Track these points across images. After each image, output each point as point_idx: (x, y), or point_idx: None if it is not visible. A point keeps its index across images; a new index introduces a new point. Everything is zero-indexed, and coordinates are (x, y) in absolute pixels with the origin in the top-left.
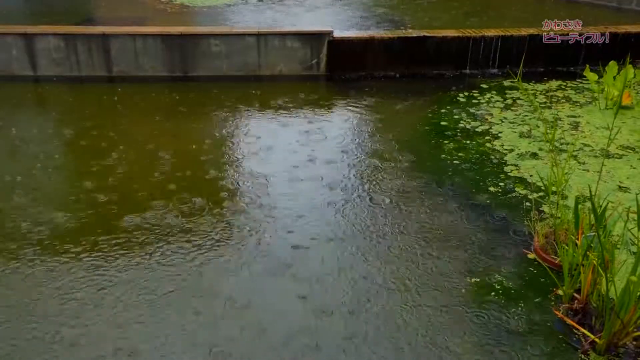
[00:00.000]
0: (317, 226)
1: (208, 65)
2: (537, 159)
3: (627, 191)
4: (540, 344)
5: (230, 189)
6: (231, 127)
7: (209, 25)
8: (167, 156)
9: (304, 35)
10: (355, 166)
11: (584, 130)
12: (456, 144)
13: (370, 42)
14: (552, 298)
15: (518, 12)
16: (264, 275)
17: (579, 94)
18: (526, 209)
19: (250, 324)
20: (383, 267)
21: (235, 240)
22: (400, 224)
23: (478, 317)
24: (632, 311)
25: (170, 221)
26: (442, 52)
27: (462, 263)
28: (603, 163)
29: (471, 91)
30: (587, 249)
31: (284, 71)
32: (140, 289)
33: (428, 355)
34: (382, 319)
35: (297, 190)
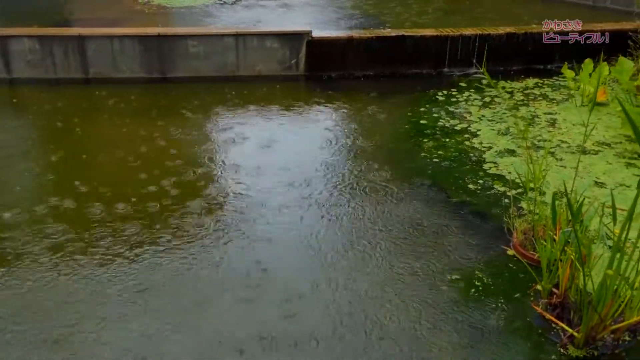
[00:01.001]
0: (299, 220)
1: (186, 66)
2: (515, 156)
3: (603, 186)
4: (520, 339)
5: (203, 190)
6: (208, 128)
7: (187, 26)
8: (139, 158)
9: (283, 36)
10: (334, 166)
11: (560, 127)
12: (435, 142)
13: (349, 42)
14: (531, 293)
15: (491, 12)
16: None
17: (555, 92)
18: (505, 206)
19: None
20: (360, 266)
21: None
22: (379, 222)
23: (458, 314)
24: (609, 305)
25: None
26: (421, 52)
27: (442, 260)
28: (579, 159)
29: (450, 90)
30: (565, 244)
31: (263, 71)
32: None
33: (409, 352)
34: (363, 316)
35: (275, 186)
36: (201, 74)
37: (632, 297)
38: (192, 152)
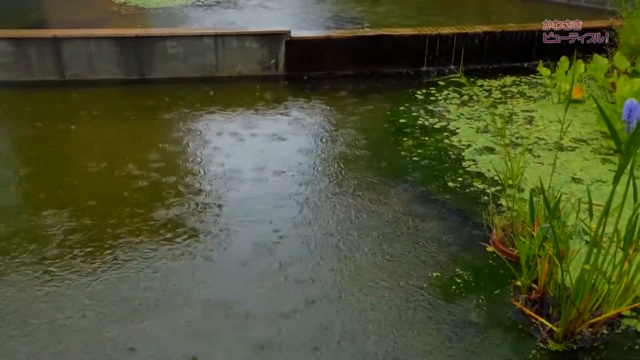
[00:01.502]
0: (281, 217)
1: (165, 67)
2: (494, 154)
3: (580, 182)
4: (500, 335)
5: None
6: (187, 130)
7: (165, 26)
8: (115, 162)
9: (262, 36)
10: (313, 165)
11: (538, 125)
12: (415, 141)
13: (328, 42)
14: (511, 289)
15: (469, 10)
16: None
17: (532, 89)
18: (484, 203)
19: None
20: (341, 265)
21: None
22: (357, 221)
23: (439, 311)
24: (587, 299)
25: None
26: (400, 51)
27: (422, 258)
28: (557, 156)
29: (429, 88)
30: (543, 240)
31: (243, 72)
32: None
33: (390, 349)
34: (343, 314)
35: (258, 186)
36: (180, 75)
37: (609, 291)
38: (171, 154)
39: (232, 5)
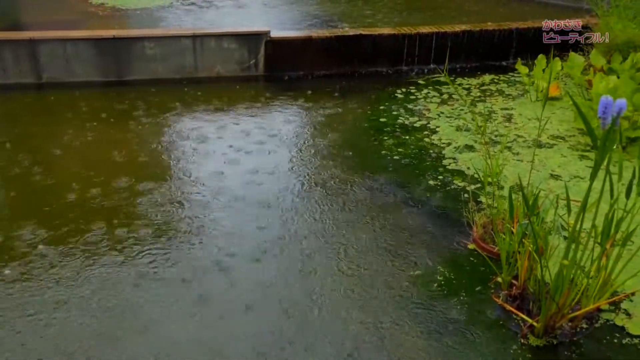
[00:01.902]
0: (264, 216)
1: (143, 69)
2: (473, 152)
3: (558, 179)
4: (482, 331)
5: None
6: (165, 132)
7: (143, 27)
8: (92, 165)
9: (241, 36)
10: (293, 166)
11: (516, 122)
12: (395, 140)
13: (308, 42)
14: (491, 286)
15: (447, 9)
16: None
17: (511, 87)
18: (464, 201)
19: None
20: (322, 265)
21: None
22: (340, 219)
23: (421, 309)
24: (566, 294)
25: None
26: (379, 50)
27: (404, 257)
28: (535, 153)
29: (408, 87)
30: (523, 237)
31: (222, 73)
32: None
33: (372, 347)
34: (325, 314)
35: (233, 185)
36: (159, 76)
37: (588, 286)
38: (148, 158)
39: (211, 5)
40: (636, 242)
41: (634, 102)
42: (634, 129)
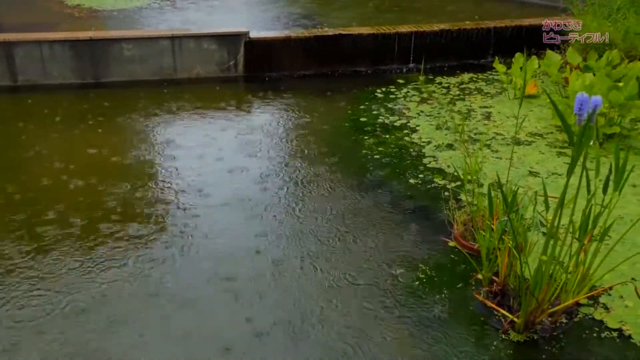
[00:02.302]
0: (241, 219)
1: (121, 71)
2: (453, 150)
3: (537, 175)
4: (464, 328)
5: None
6: (143, 135)
7: (120, 28)
8: (68, 170)
9: (220, 37)
10: (275, 166)
11: (495, 120)
12: (376, 139)
13: (287, 42)
14: (472, 283)
15: (424, 9)
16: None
17: (489, 85)
18: (445, 199)
19: None
20: (303, 265)
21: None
22: (322, 219)
23: (403, 307)
24: (546, 289)
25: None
26: (359, 50)
27: (385, 255)
28: (513, 150)
29: (388, 87)
30: (502, 233)
31: (202, 74)
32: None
33: (355, 346)
34: (306, 314)
35: (214, 187)
36: (137, 78)
37: (566, 281)
38: (126, 162)
39: (190, 6)
40: (613, 237)
41: (609, 99)
42: (610, 126)
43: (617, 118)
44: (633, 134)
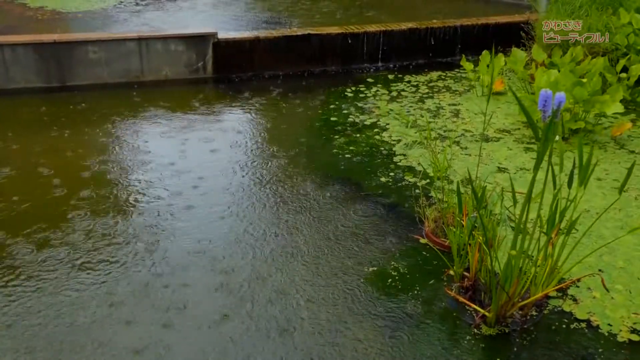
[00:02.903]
0: (210, 223)
1: (87, 74)
2: (423, 147)
3: (505, 171)
4: (437, 324)
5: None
6: (110, 139)
7: (86, 31)
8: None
9: (188, 38)
10: (246, 167)
11: (464, 117)
12: (347, 138)
13: (256, 42)
14: (444, 279)
15: (388, 8)
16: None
17: (457, 83)
18: (416, 196)
19: None
20: (275, 266)
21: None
22: (293, 220)
23: (376, 305)
24: (516, 283)
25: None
26: (328, 49)
27: (357, 253)
28: (482, 147)
29: (358, 86)
30: (472, 229)
31: (170, 75)
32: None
33: (329, 345)
34: (280, 313)
35: (184, 188)
36: (104, 81)
37: (536, 274)
38: (92, 167)
39: (156, 7)
40: (580, 230)
41: (574, 95)
42: (575, 121)
43: (582, 113)
44: (597, 128)
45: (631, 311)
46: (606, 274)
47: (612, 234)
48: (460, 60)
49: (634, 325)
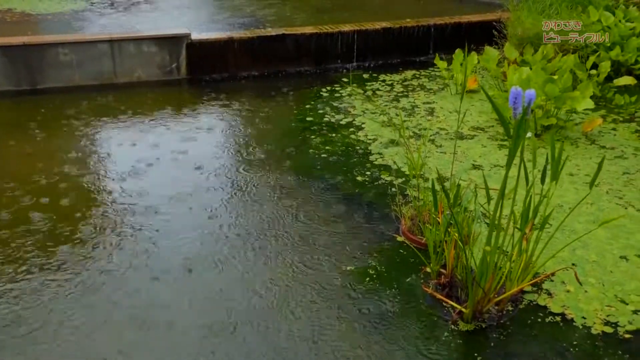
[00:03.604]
0: (185, 226)
1: (58, 76)
2: (398, 146)
3: (480, 168)
4: (414, 321)
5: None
6: (80, 141)
7: (56, 33)
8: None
9: (161, 39)
10: (221, 168)
11: (438, 115)
12: (323, 138)
13: (230, 43)
14: (421, 276)
15: (362, 8)
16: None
17: (432, 82)
18: (392, 195)
19: None
20: (251, 266)
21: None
22: (270, 220)
23: (354, 303)
24: (491, 279)
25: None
26: (302, 49)
27: (335, 253)
28: (457, 145)
29: (333, 85)
30: (448, 226)
31: (143, 77)
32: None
33: (306, 346)
34: (259, 316)
35: (157, 190)
36: (76, 84)
37: (511, 269)
38: (62, 172)
39: (130, 8)
40: (554, 225)
41: (546, 92)
42: (547, 117)
43: (554, 110)
44: (569, 125)
45: (604, 304)
46: (579, 267)
47: (584, 228)
48: (434, 59)
49: (607, 317)
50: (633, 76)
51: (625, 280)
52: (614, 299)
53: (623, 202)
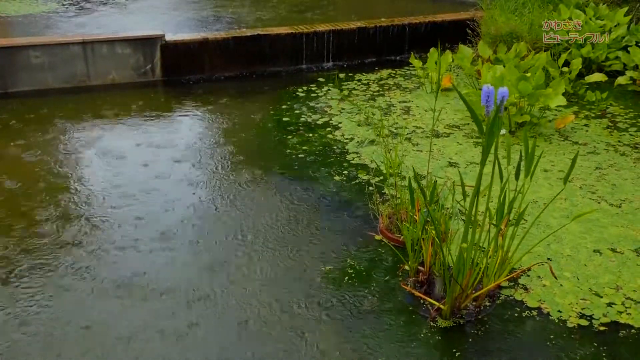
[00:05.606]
0: (165, 231)
1: (30, 79)
2: (375, 145)
3: (456, 166)
4: (393, 319)
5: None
6: (53, 146)
7: (27, 35)
8: None
9: (134, 41)
10: (199, 171)
11: (414, 114)
12: (300, 138)
13: (205, 44)
14: (400, 274)
15: (339, 7)
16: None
17: (407, 81)
18: (369, 193)
19: None
20: (229, 268)
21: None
22: (248, 221)
23: (334, 303)
24: (468, 275)
25: None
26: (278, 49)
27: (314, 252)
28: (433, 143)
29: (309, 85)
30: (425, 224)
31: (117, 79)
32: None
33: (287, 343)
34: (239, 311)
35: (137, 194)
36: (48, 87)
37: (487, 265)
38: (32, 173)
39: (101, 9)
40: (529, 220)
41: (519, 89)
42: (521, 114)
43: (527, 107)
44: (542, 121)
45: (579, 297)
46: (554, 262)
47: (558, 223)
48: (410, 58)
49: (582, 310)
50: (604, 73)
51: (599, 274)
52: (588, 292)
53: (596, 197)
